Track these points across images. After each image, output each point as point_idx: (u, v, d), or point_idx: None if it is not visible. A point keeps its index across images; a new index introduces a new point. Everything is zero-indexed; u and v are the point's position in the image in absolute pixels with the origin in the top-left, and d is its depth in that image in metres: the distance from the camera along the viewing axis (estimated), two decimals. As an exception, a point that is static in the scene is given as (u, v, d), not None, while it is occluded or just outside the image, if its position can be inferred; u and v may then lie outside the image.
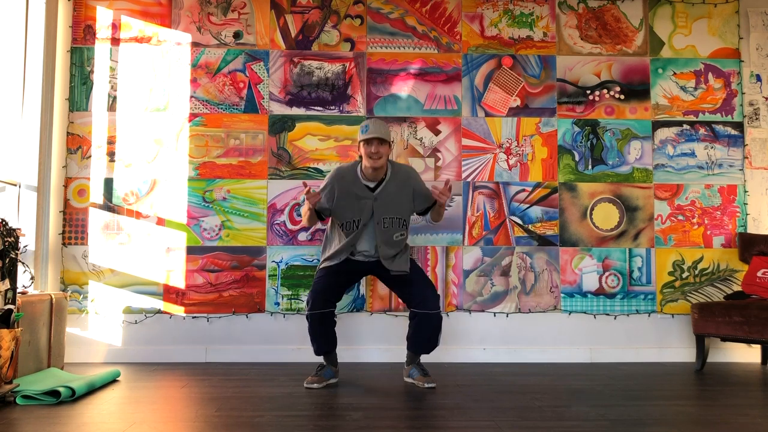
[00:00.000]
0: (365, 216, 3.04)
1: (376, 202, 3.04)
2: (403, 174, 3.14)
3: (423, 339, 3.08)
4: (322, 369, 3.09)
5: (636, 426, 2.28)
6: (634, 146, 3.97)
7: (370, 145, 2.97)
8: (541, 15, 4.02)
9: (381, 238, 3.06)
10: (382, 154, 2.99)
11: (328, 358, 3.14)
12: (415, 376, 3.07)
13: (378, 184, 3.07)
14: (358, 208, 3.04)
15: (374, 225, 3.06)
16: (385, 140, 3.00)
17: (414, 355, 3.14)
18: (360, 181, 3.07)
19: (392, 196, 3.07)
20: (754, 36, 4.05)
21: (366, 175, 3.07)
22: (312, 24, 3.95)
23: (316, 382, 3.01)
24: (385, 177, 3.08)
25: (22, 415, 2.41)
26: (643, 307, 3.88)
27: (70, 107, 3.85)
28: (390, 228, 3.07)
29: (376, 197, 3.05)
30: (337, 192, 3.06)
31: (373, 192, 3.06)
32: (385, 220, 3.05)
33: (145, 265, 3.77)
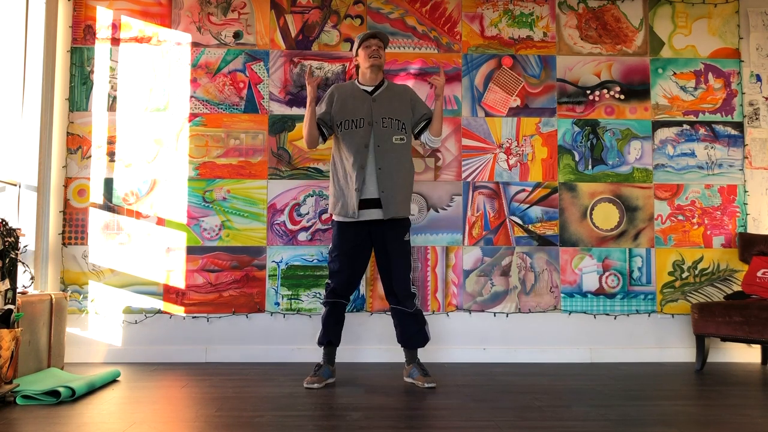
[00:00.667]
0: (366, 115, 3.11)
1: (374, 103, 3.13)
2: (399, 86, 3.30)
3: (410, 334, 3.12)
4: (320, 369, 3.10)
5: (636, 426, 2.28)
6: (634, 146, 3.97)
7: (370, 46, 3.14)
8: (541, 15, 4.02)
9: (380, 141, 3.07)
10: (381, 54, 3.15)
11: (328, 355, 3.15)
12: (415, 375, 3.08)
13: (375, 88, 3.18)
14: (356, 108, 3.13)
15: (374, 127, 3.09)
16: (383, 43, 3.18)
17: (411, 353, 3.15)
18: (358, 88, 3.20)
19: (390, 99, 3.17)
20: (754, 36, 4.05)
21: (363, 80, 3.20)
22: (312, 24, 3.95)
23: (316, 381, 3.01)
24: (382, 84, 3.21)
25: (22, 415, 2.41)
26: (643, 307, 3.88)
27: (70, 107, 3.85)
28: (389, 129, 3.10)
29: (374, 98, 3.15)
30: (336, 96, 3.19)
31: (371, 95, 3.17)
32: (384, 120, 3.11)
33: (145, 265, 3.77)
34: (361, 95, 3.16)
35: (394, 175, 3.07)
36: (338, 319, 3.18)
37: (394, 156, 3.09)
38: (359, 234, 3.10)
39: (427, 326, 3.16)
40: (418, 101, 3.26)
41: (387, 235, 3.09)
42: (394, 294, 3.11)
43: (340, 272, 3.12)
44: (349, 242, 3.11)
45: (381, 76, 3.21)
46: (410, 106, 3.21)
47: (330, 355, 3.16)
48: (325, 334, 3.16)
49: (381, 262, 3.15)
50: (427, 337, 3.16)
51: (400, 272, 3.09)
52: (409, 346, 3.15)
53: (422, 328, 3.13)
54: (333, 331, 3.16)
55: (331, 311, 3.16)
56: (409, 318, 3.11)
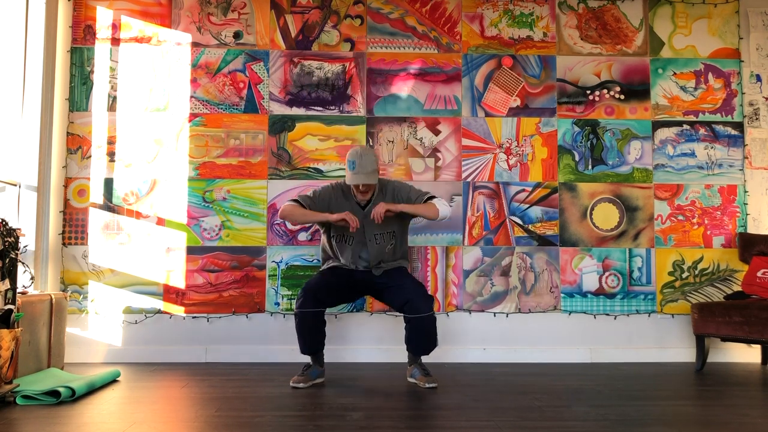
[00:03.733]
0: (358, 233, 3.12)
1: (366, 220, 3.12)
2: (389, 190, 3.21)
3: (419, 341, 3.10)
4: (309, 368, 3.08)
5: (636, 426, 2.28)
6: (634, 146, 3.97)
7: (357, 187, 3.08)
8: (541, 15, 4.02)
9: (374, 253, 3.14)
10: (369, 191, 3.11)
11: (315, 358, 3.14)
12: (416, 376, 3.07)
13: (368, 202, 3.16)
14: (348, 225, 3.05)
15: (367, 241, 3.14)
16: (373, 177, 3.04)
17: (414, 356, 3.16)
18: (353, 199, 3.18)
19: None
20: (754, 36, 4.05)
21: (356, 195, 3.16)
22: (312, 24, 3.95)
23: (302, 381, 3.00)
24: (374, 194, 3.17)
25: (22, 415, 2.41)
26: (643, 307, 3.88)
27: (70, 107, 3.85)
28: (382, 243, 3.16)
29: (365, 215, 3.13)
30: (334, 200, 3.17)
31: (363, 209, 3.15)
32: (377, 237, 3.14)
33: (145, 265, 3.77)
34: (355, 209, 3.14)
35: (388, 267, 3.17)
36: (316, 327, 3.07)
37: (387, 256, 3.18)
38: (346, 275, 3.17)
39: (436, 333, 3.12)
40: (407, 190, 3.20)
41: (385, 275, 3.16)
42: (408, 299, 3.03)
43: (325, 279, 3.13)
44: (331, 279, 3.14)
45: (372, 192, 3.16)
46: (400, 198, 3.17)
47: (318, 359, 3.14)
48: (305, 344, 3.09)
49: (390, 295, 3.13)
50: (436, 343, 3.14)
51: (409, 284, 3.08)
52: (417, 352, 3.13)
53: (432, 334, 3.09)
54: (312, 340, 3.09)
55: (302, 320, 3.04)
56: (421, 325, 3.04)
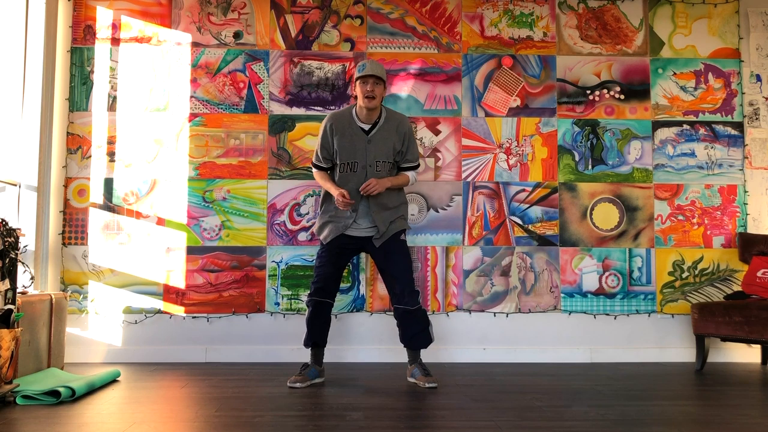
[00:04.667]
0: (360, 158, 3.10)
1: (369, 144, 3.11)
2: (397, 120, 3.20)
3: (412, 334, 3.11)
4: (306, 368, 3.09)
5: (636, 426, 2.28)
6: (634, 146, 3.97)
7: (366, 84, 3.05)
8: (541, 15, 4.02)
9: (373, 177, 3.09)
10: (376, 95, 3.06)
11: (315, 356, 3.15)
12: (416, 375, 3.07)
13: (372, 126, 3.14)
14: (353, 150, 3.11)
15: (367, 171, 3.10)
16: (381, 79, 3.07)
17: (413, 353, 3.15)
18: (355, 123, 3.15)
19: (385, 140, 3.13)
20: (754, 36, 4.05)
21: (360, 116, 3.14)
22: (312, 24, 3.95)
23: (299, 381, 3.01)
24: (379, 120, 3.15)
25: (22, 415, 2.41)
26: (643, 307, 3.88)
27: (70, 107, 3.85)
28: (382, 172, 3.12)
29: (369, 140, 3.12)
30: (335, 131, 3.13)
31: (367, 135, 3.13)
32: (378, 164, 3.12)
33: (145, 265, 3.77)
34: (358, 134, 3.13)
35: (385, 211, 3.13)
36: (324, 320, 3.15)
37: (387, 195, 3.15)
38: (346, 246, 3.15)
39: (430, 327, 3.16)
40: (411, 144, 3.21)
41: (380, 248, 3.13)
42: (396, 292, 3.11)
43: (324, 266, 3.13)
44: (331, 252, 3.14)
45: (377, 113, 3.15)
46: (403, 144, 3.17)
47: (317, 356, 3.16)
48: (310, 336, 3.14)
49: (381, 265, 3.18)
50: (431, 338, 3.15)
51: (400, 268, 3.11)
52: (412, 347, 3.14)
53: (425, 328, 3.13)
54: (318, 333, 3.14)
55: (315, 312, 3.13)
56: (411, 317, 3.09)
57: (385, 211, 3.13)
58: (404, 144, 3.18)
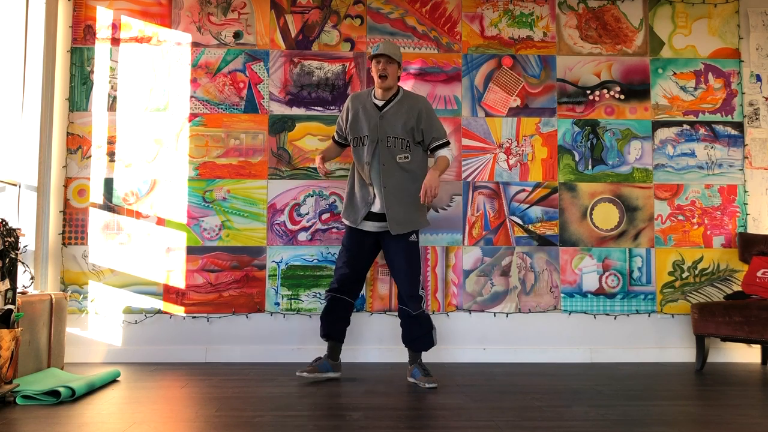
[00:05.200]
0: (372, 132, 3.14)
1: (381, 120, 3.14)
2: (413, 99, 3.23)
3: (414, 337, 3.15)
4: (318, 361, 3.13)
5: (636, 426, 2.28)
6: (634, 146, 3.97)
7: (378, 63, 3.11)
8: (541, 15, 4.02)
9: (385, 160, 3.10)
10: (389, 74, 3.11)
11: (330, 350, 3.19)
12: (417, 376, 3.08)
13: (386, 103, 3.18)
14: (364, 125, 3.17)
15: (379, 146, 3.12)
16: (393, 59, 3.10)
17: (414, 354, 3.18)
18: (371, 100, 3.21)
19: (398, 116, 3.14)
20: (754, 36, 4.05)
21: (377, 95, 3.21)
22: (312, 24, 3.95)
23: (306, 371, 3.04)
24: (395, 98, 3.19)
25: (22, 415, 2.41)
26: (643, 307, 3.88)
27: (70, 107, 3.85)
28: (393, 148, 3.12)
29: (382, 115, 3.15)
30: (350, 109, 3.24)
31: (380, 111, 3.17)
32: (389, 139, 3.12)
33: (145, 265, 3.77)
34: (372, 110, 3.18)
35: (398, 194, 3.11)
36: (339, 315, 3.21)
37: (400, 174, 3.12)
38: (367, 236, 3.19)
39: (434, 331, 3.17)
40: (431, 120, 3.18)
41: (392, 241, 3.15)
42: (401, 294, 3.17)
43: (343, 267, 3.19)
44: (355, 242, 3.20)
45: (393, 91, 3.19)
46: (419, 122, 3.14)
47: (332, 350, 3.20)
48: (323, 325, 3.22)
49: (389, 263, 3.23)
50: (433, 342, 3.17)
51: (405, 272, 3.13)
52: (412, 348, 3.17)
53: (428, 332, 3.15)
54: (332, 326, 3.20)
55: (330, 306, 3.20)
56: (412, 320, 3.13)
57: (396, 199, 3.10)
58: (420, 121, 3.14)
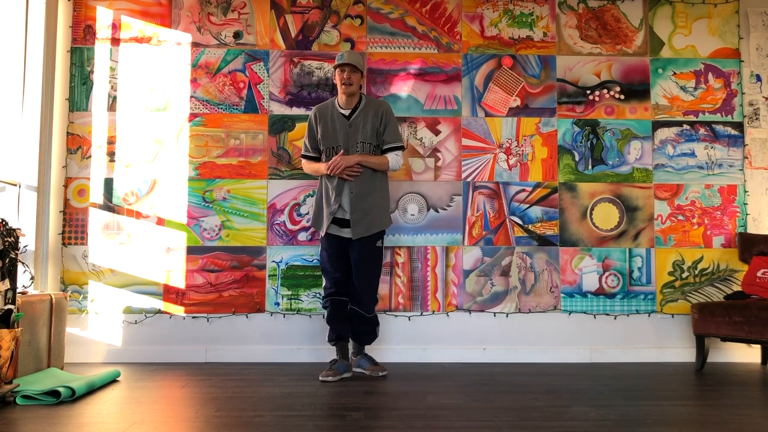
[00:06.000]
0: (342, 141, 3.31)
1: (350, 129, 3.31)
2: (377, 103, 3.43)
3: (361, 332, 3.37)
4: (336, 363, 3.24)
5: (636, 426, 2.28)
6: (634, 146, 3.97)
7: (343, 72, 3.26)
8: (541, 15, 4.02)
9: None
10: (353, 82, 3.27)
11: (341, 351, 3.31)
12: (365, 366, 3.31)
13: (352, 112, 3.34)
14: (334, 134, 3.33)
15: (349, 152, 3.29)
16: (357, 68, 3.28)
17: (359, 346, 3.40)
18: (337, 110, 3.35)
19: (364, 123, 3.33)
20: (754, 36, 4.05)
21: (341, 103, 3.35)
22: (312, 24, 3.95)
23: (331, 375, 3.14)
24: (359, 105, 3.35)
25: (22, 415, 2.41)
26: (643, 307, 3.88)
27: (70, 107, 3.85)
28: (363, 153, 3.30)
29: (350, 124, 3.31)
30: (319, 121, 3.36)
31: (348, 120, 3.32)
32: (358, 146, 3.31)
33: (145, 265, 3.77)
34: (339, 119, 3.34)
35: (364, 198, 3.29)
36: (342, 316, 3.33)
37: (367, 180, 3.30)
38: (339, 241, 3.33)
39: (377, 328, 3.42)
40: (388, 123, 3.36)
41: (357, 245, 3.30)
42: (358, 297, 3.31)
43: (332, 271, 3.33)
44: (331, 246, 3.34)
45: (356, 99, 3.35)
46: (380, 124, 3.34)
47: (343, 350, 3.33)
48: (332, 329, 3.32)
49: (353, 267, 3.34)
50: (376, 336, 3.42)
51: (367, 278, 3.32)
52: (359, 343, 3.39)
53: (373, 329, 3.39)
54: (340, 327, 3.32)
55: (333, 310, 3.33)
56: (363, 320, 3.33)
57: (362, 204, 3.27)
58: (381, 123, 3.34)
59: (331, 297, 3.32)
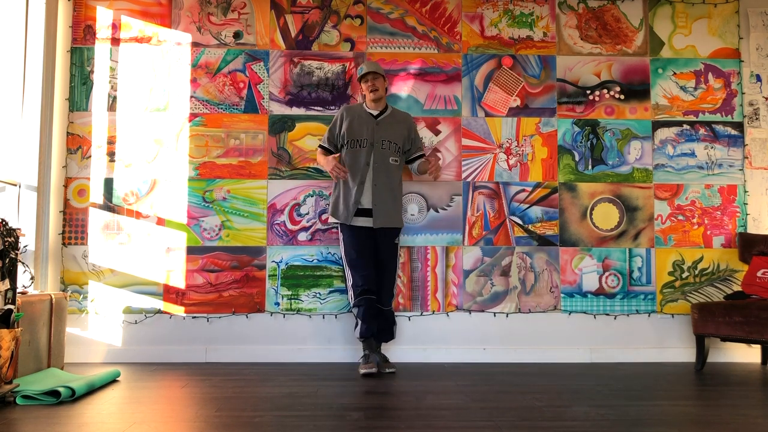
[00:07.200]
0: (368, 136, 3.49)
1: (377, 126, 3.52)
2: (402, 114, 3.68)
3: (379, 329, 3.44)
4: (369, 357, 3.37)
5: (636, 426, 2.28)
6: (634, 146, 3.97)
7: (367, 81, 3.51)
8: (541, 15, 4.02)
9: (378, 160, 3.46)
10: (379, 87, 3.51)
11: (369, 346, 3.41)
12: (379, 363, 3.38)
13: (380, 113, 3.57)
14: (360, 130, 3.50)
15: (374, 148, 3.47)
16: (379, 74, 3.52)
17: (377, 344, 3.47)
18: (365, 111, 3.58)
19: (391, 125, 3.55)
20: (754, 36, 4.05)
21: (370, 106, 3.58)
22: (312, 24, 3.95)
23: (372, 367, 3.28)
24: (386, 110, 3.59)
25: (22, 415, 2.41)
26: (643, 307, 3.88)
27: (70, 107, 3.85)
28: (387, 150, 3.50)
29: (378, 122, 3.53)
30: (345, 118, 3.55)
31: (376, 119, 3.54)
32: (384, 142, 3.49)
33: (145, 265, 3.77)
34: (367, 118, 3.55)
35: (386, 191, 3.47)
36: (374, 313, 3.40)
37: (389, 174, 3.49)
38: (361, 232, 3.46)
39: (395, 327, 3.53)
40: (417, 136, 3.66)
41: (379, 239, 3.47)
42: (379, 290, 3.44)
43: (363, 268, 3.41)
44: (359, 240, 3.45)
45: (384, 104, 3.59)
46: (408, 135, 3.60)
47: (371, 345, 3.43)
48: (368, 327, 3.39)
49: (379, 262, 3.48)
50: (393, 335, 3.52)
51: (388, 272, 3.47)
52: (377, 339, 3.46)
53: (391, 327, 3.50)
54: (373, 324, 3.40)
55: (367, 307, 3.39)
56: (381, 315, 3.43)
57: (383, 195, 3.45)
58: (411, 132, 3.61)
59: (365, 295, 3.38)
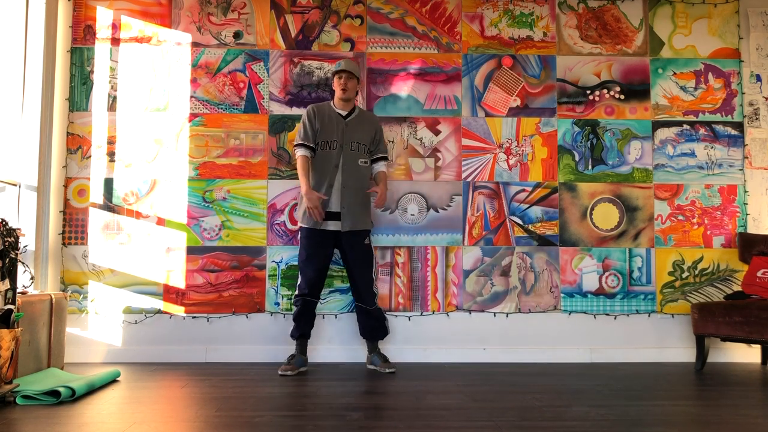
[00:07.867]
0: (338, 137, 3.47)
1: (346, 127, 3.51)
2: (369, 114, 3.70)
3: (371, 328, 3.52)
4: (294, 358, 3.40)
5: (636, 426, 2.28)
6: (634, 146, 3.97)
7: (341, 78, 3.48)
8: (541, 15, 4.02)
9: (347, 162, 3.46)
10: (349, 88, 3.49)
11: (301, 346, 3.48)
12: (377, 363, 3.45)
13: (348, 114, 3.55)
14: (331, 131, 3.49)
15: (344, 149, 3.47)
16: (354, 75, 3.49)
17: (372, 344, 3.54)
18: (334, 111, 3.55)
19: (361, 126, 3.55)
20: (754, 36, 4.05)
21: (338, 105, 3.55)
22: (312, 24, 3.95)
23: (290, 369, 3.31)
24: (354, 111, 3.57)
25: (22, 415, 2.41)
26: (643, 307, 3.88)
27: (70, 107, 3.85)
28: (356, 152, 3.50)
29: (347, 123, 3.52)
30: (317, 117, 3.51)
31: (345, 119, 3.52)
32: (353, 144, 3.49)
33: (145, 265, 3.77)
34: (336, 118, 3.52)
35: (355, 194, 3.47)
36: (310, 316, 3.48)
37: (357, 176, 3.49)
38: (324, 239, 3.46)
39: (387, 322, 3.58)
40: (382, 138, 3.65)
41: (348, 242, 3.46)
42: (358, 292, 3.50)
43: (310, 272, 3.43)
44: (314, 244, 3.45)
45: (352, 104, 3.57)
46: (374, 136, 3.59)
47: (303, 346, 3.49)
48: (298, 327, 3.47)
49: (346, 265, 3.55)
50: (387, 331, 3.57)
51: (361, 272, 3.48)
52: (370, 339, 3.54)
53: (382, 324, 3.54)
54: (305, 325, 3.48)
55: (303, 309, 3.45)
56: (368, 314, 3.50)
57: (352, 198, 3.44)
58: (377, 134, 3.60)
59: (304, 297, 3.44)
